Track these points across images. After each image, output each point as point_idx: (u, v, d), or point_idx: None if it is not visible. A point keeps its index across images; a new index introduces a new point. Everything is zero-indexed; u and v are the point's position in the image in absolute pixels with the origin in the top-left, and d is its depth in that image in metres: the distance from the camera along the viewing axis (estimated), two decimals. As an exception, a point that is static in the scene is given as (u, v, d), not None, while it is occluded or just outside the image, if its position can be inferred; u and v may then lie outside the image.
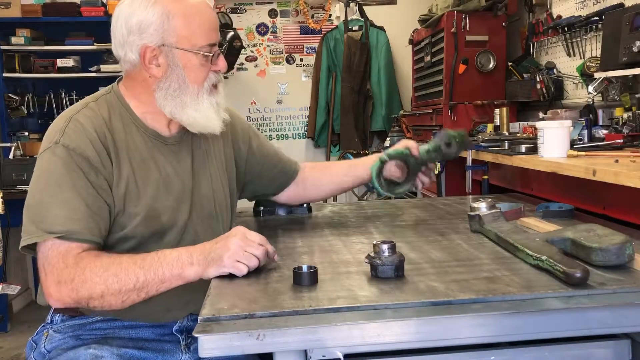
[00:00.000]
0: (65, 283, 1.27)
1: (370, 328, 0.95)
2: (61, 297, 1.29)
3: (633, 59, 2.31)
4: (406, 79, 5.38)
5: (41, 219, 1.31)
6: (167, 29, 1.41)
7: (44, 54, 4.59)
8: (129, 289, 1.26)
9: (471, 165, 2.96)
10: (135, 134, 1.46)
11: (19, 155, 4.23)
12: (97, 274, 1.27)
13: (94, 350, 1.37)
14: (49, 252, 1.30)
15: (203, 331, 0.94)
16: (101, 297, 1.27)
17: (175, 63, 1.43)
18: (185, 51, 1.43)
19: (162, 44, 1.42)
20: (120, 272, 1.27)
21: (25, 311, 4.36)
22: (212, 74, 1.49)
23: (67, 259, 1.29)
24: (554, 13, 3.53)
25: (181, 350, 1.49)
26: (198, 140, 1.58)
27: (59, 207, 1.32)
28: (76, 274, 1.27)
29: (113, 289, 1.26)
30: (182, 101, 1.45)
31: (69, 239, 1.30)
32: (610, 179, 1.65)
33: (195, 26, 1.43)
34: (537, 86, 3.47)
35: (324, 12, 5.60)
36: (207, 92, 1.48)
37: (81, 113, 1.43)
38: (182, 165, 1.52)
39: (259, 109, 5.65)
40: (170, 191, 1.47)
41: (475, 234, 1.53)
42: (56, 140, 1.37)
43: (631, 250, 1.16)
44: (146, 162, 1.46)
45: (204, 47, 1.45)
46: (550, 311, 0.98)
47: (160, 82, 1.45)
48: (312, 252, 1.43)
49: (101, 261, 1.29)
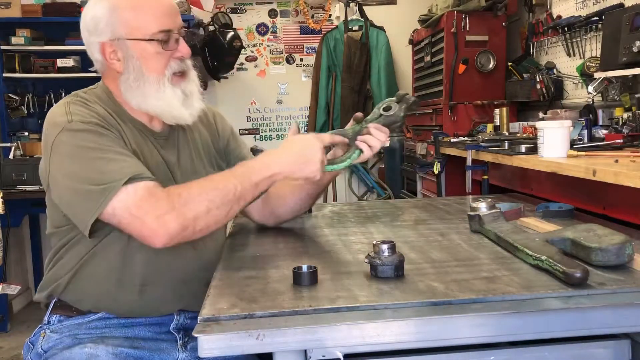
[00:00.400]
0: (167, 213, 1.27)
1: (370, 328, 0.95)
2: (167, 229, 1.28)
3: (633, 59, 2.31)
4: (406, 79, 5.38)
5: (102, 179, 1.30)
6: (116, 22, 1.42)
7: (44, 54, 4.58)
8: (229, 199, 1.32)
9: (471, 165, 2.96)
10: (125, 123, 1.47)
11: (19, 155, 4.23)
12: (196, 193, 1.30)
13: (89, 349, 1.37)
14: (129, 200, 1.28)
15: (203, 331, 0.94)
16: (207, 213, 1.30)
17: (130, 54, 1.43)
18: (138, 41, 1.42)
19: (116, 38, 1.42)
20: (218, 185, 1.32)
21: (25, 311, 4.36)
22: (173, 61, 1.46)
23: (156, 194, 1.30)
24: (554, 13, 3.53)
25: (178, 349, 1.49)
26: (184, 135, 1.58)
27: (110, 163, 1.32)
28: (174, 201, 1.29)
29: (217, 202, 1.31)
30: (143, 92, 1.44)
31: (138, 179, 1.30)
32: (610, 179, 1.65)
33: (143, 14, 1.43)
34: (537, 86, 3.48)
35: (324, 12, 5.59)
36: (168, 80, 1.46)
37: (73, 99, 1.45)
38: (168, 159, 1.52)
39: (259, 109, 5.65)
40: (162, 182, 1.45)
41: (475, 234, 1.53)
42: (67, 120, 1.37)
43: (631, 250, 1.16)
44: (141, 149, 1.46)
45: (157, 34, 1.43)
46: (550, 311, 0.98)
47: (122, 76, 1.45)
48: (312, 252, 1.43)
49: (192, 185, 1.33)
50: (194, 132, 1.61)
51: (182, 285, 1.48)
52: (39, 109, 4.68)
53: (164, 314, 1.50)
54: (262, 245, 1.56)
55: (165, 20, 1.44)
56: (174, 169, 1.53)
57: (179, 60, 1.48)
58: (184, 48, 1.47)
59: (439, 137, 3.52)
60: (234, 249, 1.51)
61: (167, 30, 1.44)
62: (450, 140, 3.42)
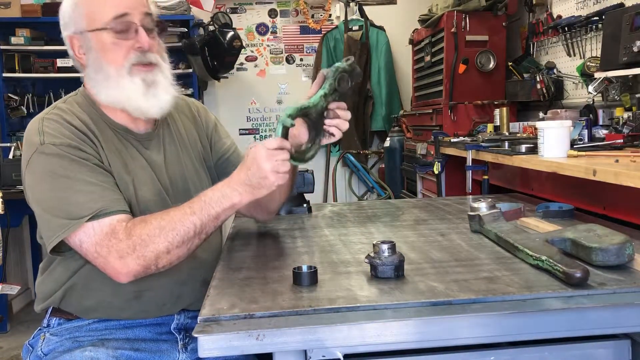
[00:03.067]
0: (128, 255, 1.29)
1: (370, 328, 0.95)
2: (129, 270, 1.30)
3: (633, 58, 2.31)
4: (406, 79, 5.38)
5: (66, 212, 1.31)
6: (78, 14, 1.42)
7: (43, 54, 4.58)
8: (190, 236, 1.32)
9: (471, 165, 2.96)
10: (106, 129, 1.46)
11: (19, 155, 4.22)
12: (154, 234, 1.30)
13: (89, 352, 1.37)
14: (94, 237, 1.30)
15: (203, 331, 0.94)
16: (167, 252, 1.31)
17: (90, 46, 1.42)
18: (95, 32, 1.41)
19: (79, 31, 1.42)
20: (176, 225, 1.31)
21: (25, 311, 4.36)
22: (133, 53, 1.41)
23: (117, 234, 1.30)
24: (554, 13, 3.53)
25: (178, 350, 1.49)
26: (171, 133, 1.57)
27: (77, 194, 1.32)
28: (135, 243, 1.29)
29: (177, 242, 1.30)
30: (105, 85, 1.43)
31: (102, 216, 1.30)
32: (611, 179, 1.64)
33: (97, 3, 1.41)
34: (537, 86, 3.47)
35: (324, 12, 5.59)
36: (126, 71, 1.41)
37: (51, 113, 1.43)
38: (154, 159, 1.51)
39: (259, 108, 5.65)
40: (145, 183, 1.46)
41: (475, 234, 1.53)
42: (40, 142, 1.36)
43: (631, 250, 1.16)
44: (119, 155, 1.45)
45: (111, 22, 1.40)
46: (550, 311, 0.98)
47: (86, 70, 1.45)
48: (312, 252, 1.43)
49: (151, 224, 1.31)
50: (179, 128, 1.60)
51: (179, 286, 1.47)
52: (39, 109, 4.67)
53: (165, 315, 1.50)
54: (262, 245, 1.56)
55: (119, 6, 1.40)
56: (160, 169, 1.51)
57: (139, 52, 1.42)
58: (143, 38, 1.41)
59: (439, 137, 3.52)
60: (234, 249, 1.51)
61: (122, 14, 1.40)
62: (450, 140, 3.42)
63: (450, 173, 3.43)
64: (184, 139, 1.60)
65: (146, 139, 1.52)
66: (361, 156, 5.46)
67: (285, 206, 1.95)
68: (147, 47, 1.43)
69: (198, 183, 1.57)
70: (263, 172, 1.30)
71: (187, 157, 1.59)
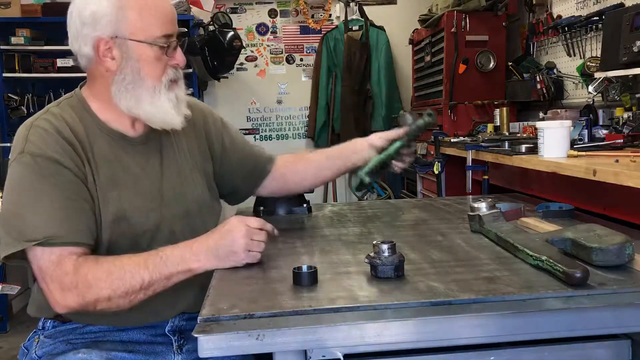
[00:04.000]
0: (69, 290, 1.27)
1: (370, 328, 0.95)
2: (67, 304, 1.28)
3: (633, 59, 2.31)
4: (406, 79, 5.38)
5: (19, 230, 1.29)
6: (121, 20, 1.38)
7: (43, 54, 4.58)
8: (135, 290, 1.28)
9: (471, 165, 2.96)
10: (98, 136, 1.43)
11: (19, 155, 4.23)
12: (100, 278, 1.27)
13: (82, 354, 1.36)
14: (41, 261, 1.29)
15: (203, 331, 0.94)
16: (108, 300, 1.28)
17: (129, 55, 1.40)
18: (140, 43, 1.40)
19: (116, 36, 1.39)
20: (125, 275, 1.27)
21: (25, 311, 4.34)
22: (170, 69, 1.45)
23: (64, 266, 1.28)
24: (554, 13, 3.53)
25: (173, 351, 1.47)
26: (167, 138, 1.54)
27: (34, 215, 1.30)
28: (79, 280, 1.27)
29: (120, 292, 1.27)
30: (137, 95, 1.41)
31: (52, 244, 1.28)
32: (611, 179, 1.64)
33: (150, 17, 1.40)
34: (537, 86, 3.48)
35: (324, 12, 5.59)
36: (165, 87, 1.43)
37: (41, 118, 1.41)
38: (150, 165, 1.49)
39: (259, 108, 5.65)
40: (139, 192, 1.44)
41: (475, 234, 1.53)
42: (20, 150, 1.35)
43: (631, 251, 1.16)
44: (112, 164, 1.42)
45: (160, 39, 1.41)
46: (550, 311, 0.98)
47: (115, 76, 1.42)
48: (312, 252, 1.43)
49: (102, 266, 1.28)
50: (179, 134, 1.57)
51: (176, 292, 1.44)
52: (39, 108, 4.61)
53: (160, 320, 1.49)
54: (262, 245, 1.55)
55: (169, 26, 1.43)
56: (156, 174, 1.49)
57: (174, 68, 1.46)
58: (180, 56, 1.46)
59: (439, 137, 3.52)
60: (234, 249, 1.50)
61: (169, 35, 1.43)
62: (450, 140, 3.42)
63: (450, 173, 3.43)
64: (182, 144, 1.58)
65: (141, 143, 1.49)
66: (361, 156, 5.45)
67: (285, 206, 1.95)
68: (183, 65, 1.48)
69: (194, 188, 1.56)
70: (235, 247, 1.28)
71: (185, 163, 1.57)
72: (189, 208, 1.53)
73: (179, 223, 1.49)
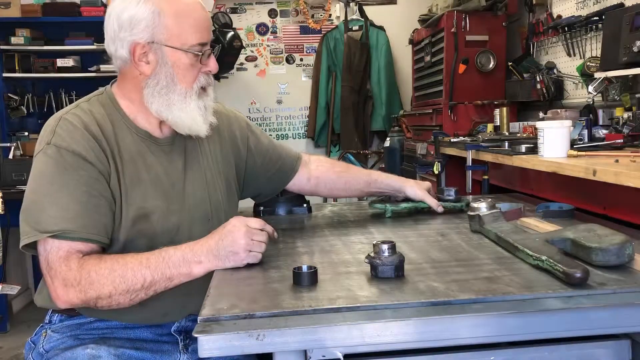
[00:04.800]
0: (72, 286, 1.28)
1: (370, 328, 0.95)
2: (69, 299, 1.30)
3: (633, 59, 2.31)
4: (406, 79, 5.38)
5: (36, 219, 1.32)
6: (158, 26, 1.40)
7: (43, 54, 4.58)
8: (136, 288, 1.29)
9: (471, 165, 2.96)
10: (125, 133, 1.45)
11: (19, 155, 4.23)
12: (103, 275, 1.28)
13: (91, 350, 1.37)
14: (49, 255, 1.30)
15: (203, 331, 0.94)
16: (109, 297, 1.29)
17: (164, 61, 1.42)
18: (175, 49, 1.42)
19: (152, 41, 1.41)
20: (127, 272, 1.28)
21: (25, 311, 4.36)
22: (202, 76, 1.47)
23: (70, 262, 1.29)
24: (554, 13, 3.53)
25: (179, 350, 1.49)
26: (192, 142, 1.56)
27: (53, 207, 1.32)
28: (82, 277, 1.28)
29: (121, 289, 1.28)
30: (168, 100, 1.44)
31: (64, 237, 1.30)
32: (611, 179, 1.64)
33: (186, 25, 1.42)
34: (537, 86, 3.48)
35: (324, 12, 5.60)
36: (196, 94, 1.46)
37: (71, 112, 1.43)
38: (174, 166, 1.51)
39: (259, 108, 5.65)
40: (160, 191, 1.46)
41: (476, 234, 1.53)
42: (47, 141, 1.37)
43: (631, 251, 1.16)
44: (135, 162, 1.44)
45: (195, 47, 1.43)
46: (550, 311, 0.98)
47: (149, 80, 1.44)
48: (312, 252, 1.43)
49: (105, 263, 1.29)
50: (203, 139, 1.58)
51: (186, 298, 1.44)
52: (39, 108, 4.68)
53: (168, 322, 1.50)
54: (262, 245, 1.55)
55: (204, 34, 1.45)
56: (179, 176, 1.50)
57: (206, 75, 1.48)
58: (213, 64, 1.48)
59: (439, 137, 3.52)
60: (234, 249, 1.50)
61: (204, 43, 1.45)
62: (450, 140, 3.42)
63: (450, 173, 3.43)
64: (205, 149, 1.59)
65: (167, 144, 1.51)
66: (361, 156, 5.46)
67: (285, 206, 1.95)
68: (215, 72, 1.50)
69: (215, 193, 1.57)
70: (236, 247, 1.27)
71: (208, 167, 1.58)
72: (209, 213, 1.54)
73: (198, 227, 1.49)
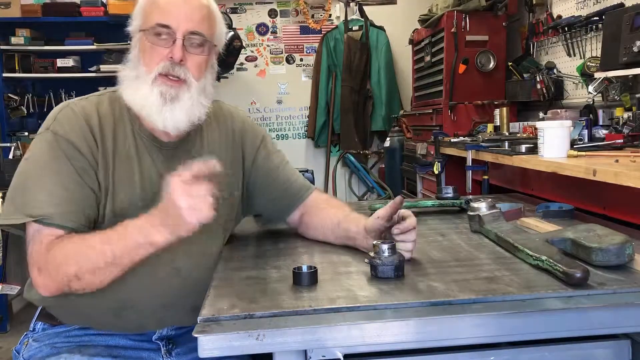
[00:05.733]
0: (43, 270, 1.27)
1: (370, 328, 0.95)
2: (44, 284, 1.28)
3: (633, 59, 2.31)
4: (406, 79, 5.38)
5: (22, 201, 1.31)
6: (137, 13, 1.42)
7: (43, 54, 4.58)
8: (100, 266, 1.24)
9: (471, 165, 2.96)
10: (128, 132, 1.42)
11: (19, 155, 4.22)
12: (67, 255, 1.26)
13: (64, 359, 1.36)
14: (31, 239, 1.30)
15: (203, 331, 0.94)
16: (77, 278, 1.25)
17: (135, 44, 1.42)
18: (142, 32, 1.40)
19: (134, 29, 1.42)
20: (88, 250, 1.25)
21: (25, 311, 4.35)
22: (164, 62, 1.36)
23: (43, 246, 1.28)
24: (554, 13, 3.53)
25: (162, 355, 1.44)
26: (198, 148, 1.50)
27: (40, 191, 1.31)
28: (49, 260, 1.26)
29: (86, 268, 1.25)
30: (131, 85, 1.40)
31: (44, 223, 1.28)
32: (611, 179, 1.64)
33: (154, 6, 1.39)
34: (537, 86, 3.48)
35: (324, 12, 5.59)
36: (152, 79, 1.36)
37: (77, 103, 1.42)
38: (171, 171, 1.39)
39: (259, 108, 5.65)
40: (148, 195, 1.39)
41: (476, 234, 1.53)
42: (47, 126, 1.37)
43: (631, 251, 1.16)
44: (130, 162, 1.40)
45: (155, 27, 1.36)
46: (550, 311, 0.98)
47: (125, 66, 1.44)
48: (312, 252, 1.43)
49: (69, 244, 1.27)
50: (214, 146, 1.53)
51: (162, 309, 1.41)
52: (39, 108, 4.68)
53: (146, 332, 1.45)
54: (262, 245, 1.55)
55: (168, 16, 1.36)
56: None
57: (169, 63, 1.36)
58: (176, 49, 1.36)
59: (439, 137, 3.52)
60: (233, 249, 1.50)
61: (165, 25, 1.36)
62: (450, 140, 3.42)
63: (450, 173, 3.43)
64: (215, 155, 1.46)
65: (170, 148, 1.46)
66: (361, 156, 5.46)
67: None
68: (177, 59, 1.36)
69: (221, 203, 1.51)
70: (179, 211, 1.15)
71: None
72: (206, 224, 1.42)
73: None
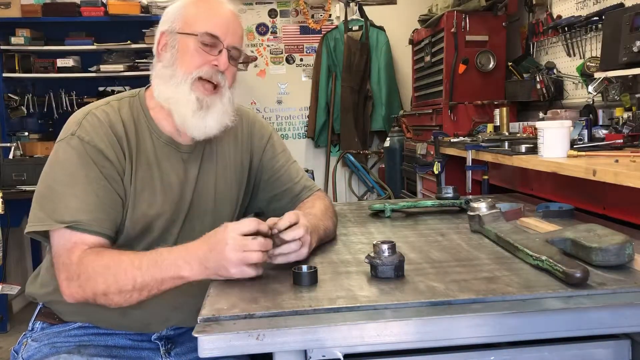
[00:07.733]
0: (73, 280, 1.28)
1: (370, 328, 0.95)
2: (71, 293, 1.29)
3: (633, 59, 2.31)
4: (406, 79, 5.38)
5: (52, 207, 1.31)
6: (178, 15, 1.44)
7: (44, 54, 4.58)
8: (127, 289, 1.25)
9: (471, 165, 2.96)
10: (147, 138, 1.45)
11: (19, 155, 4.23)
12: (98, 272, 1.26)
13: (63, 359, 1.36)
14: (59, 245, 1.30)
15: (203, 331, 0.94)
16: (104, 295, 1.27)
17: (173, 45, 1.43)
18: (184, 34, 1.42)
19: (171, 30, 1.44)
20: (119, 272, 1.25)
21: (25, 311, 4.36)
22: (207, 67, 1.41)
23: (72, 255, 1.28)
24: (554, 13, 3.53)
25: (161, 355, 1.46)
26: (213, 150, 1.54)
27: (71, 197, 1.32)
28: (81, 272, 1.27)
29: (114, 289, 1.25)
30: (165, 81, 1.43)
31: (77, 229, 1.29)
32: (610, 179, 1.64)
33: (201, 14, 1.44)
34: (537, 86, 3.47)
35: (324, 12, 5.59)
36: (191, 80, 1.40)
37: (100, 108, 1.43)
38: (187, 176, 1.49)
39: (259, 109, 5.65)
40: (168, 200, 1.44)
41: (475, 234, 1.53)
42: (72, 132, 1.38)
43: (631, 250, 1.16)
44: (150, 167, 1.43)
45: (204, 35, 1.41)
46: (550, 311, 0.98)
47: (158, 63, 1.46)
48: (312, 252, 1.43)
49: (103, 260, 1.27)
50: (224, 147, 1.56)
51: (170, 311, 1.43)
52: (39, 108, 4.69)
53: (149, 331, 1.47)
54: (262, 245, 1.55)
55: (218, 28, 1.42)
56: (190, 186, 1.48)
57: (212, 69, 1.41)
58: (222, 59, 1.41)
59: (439, 137, 3.52)
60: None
61: (214, 35, 1.41)
62: (450, 140, 3.42)
63: (450, 173, 3.43)
64: (225, 159, 1.56)
65: (187, 152, 1.49)
66: (361, 156, 5.46)
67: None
68: (224, 69, 1.42)
69: (223, 205, 1.54)
70: (225, 262, 1.16)
71: (223, 179, 1.55)
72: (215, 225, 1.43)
73: None
